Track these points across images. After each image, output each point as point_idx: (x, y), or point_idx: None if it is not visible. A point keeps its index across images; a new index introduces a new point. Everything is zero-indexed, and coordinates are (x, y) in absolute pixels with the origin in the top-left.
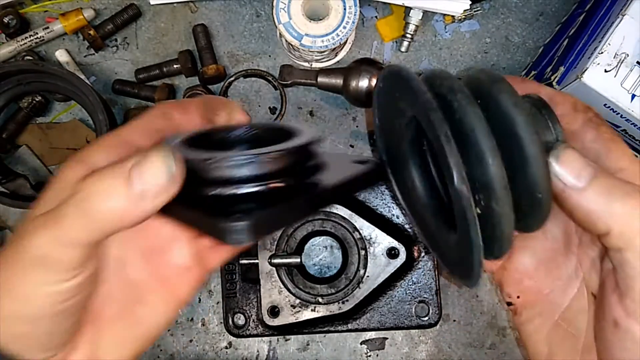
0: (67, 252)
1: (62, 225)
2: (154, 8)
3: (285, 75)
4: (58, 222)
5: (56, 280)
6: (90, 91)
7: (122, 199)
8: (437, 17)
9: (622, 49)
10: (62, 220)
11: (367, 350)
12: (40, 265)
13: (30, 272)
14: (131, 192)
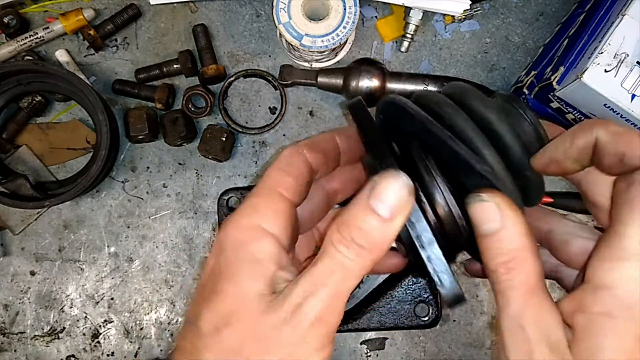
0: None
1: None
2: (154, 8)
3: (285, 75)
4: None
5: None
6: (90, 91)
7: (376, 226)
8: (437, 17)
9: (622, 49)
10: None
11: (367, 350)
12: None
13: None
14: (379, 217)
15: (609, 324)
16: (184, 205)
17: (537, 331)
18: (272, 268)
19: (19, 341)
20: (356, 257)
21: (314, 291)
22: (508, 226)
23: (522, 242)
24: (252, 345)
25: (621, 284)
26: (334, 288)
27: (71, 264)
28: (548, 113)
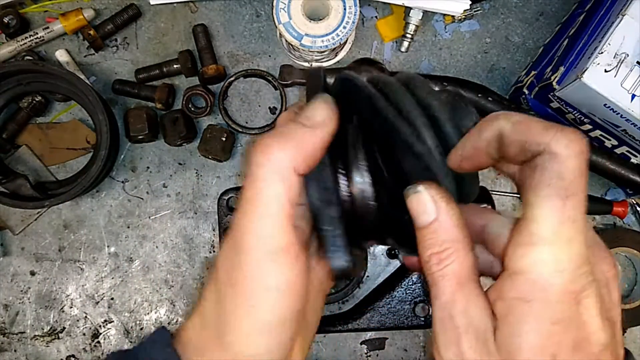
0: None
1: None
2: (154, 8)
3: (285, 75)
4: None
5: (285, 268)
6: (90, 91)
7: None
8: (437, 17)
9: (622, 49)
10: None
11: (367, 350)
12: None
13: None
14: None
15: (525, 309)
16: (184, 205)
17: (465, 320)
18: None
19: (19, 341)
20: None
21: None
22: (441, 218)
23: (454, 234)
24: (233, 276)
25: (534, 268)
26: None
27: (71, 264)
28: (548, 113)
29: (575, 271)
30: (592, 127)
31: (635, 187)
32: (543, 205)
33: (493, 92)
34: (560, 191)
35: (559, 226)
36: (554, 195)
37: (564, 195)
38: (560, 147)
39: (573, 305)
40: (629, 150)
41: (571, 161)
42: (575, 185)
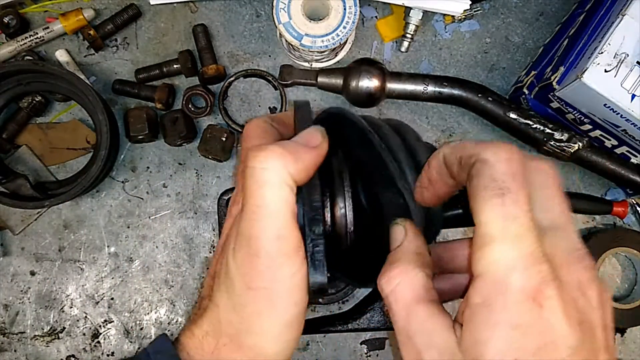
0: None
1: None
2: (154, 8)
3: (285, 75)
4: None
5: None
6: (90, 91)
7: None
8: (437, 17)
9: (622, 49)
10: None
11: (367, 350)
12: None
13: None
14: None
15: (485, 314)
16: (184, 205)
17: (424, 338)
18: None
19: (19, 341)
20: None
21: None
22: (403, 243)
23: (409, 257)
24: (238, 281)
25: (488, 268)
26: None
27: (71, 264)
28: (548, 113)
29: (528, 269)
30: (592, 127)
31: (635, 187)
32: (484, 207)
33: (493, 92)
34: (495, 191)
35: (503, 223)
36: (491, 196)
37: (500, 194)
38: (489, 154)
39: (534, 308)
40: (629, 150)
41: (500, 165)
42: (508, 185)
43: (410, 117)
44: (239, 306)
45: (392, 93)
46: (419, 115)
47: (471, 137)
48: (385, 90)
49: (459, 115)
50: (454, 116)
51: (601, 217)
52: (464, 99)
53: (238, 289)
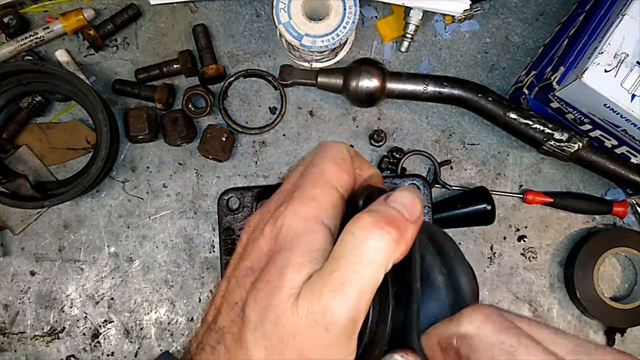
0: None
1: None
2: (154, 8)
3: (285, 75)
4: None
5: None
6: (90, 91)
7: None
8: (437, 17)
9: (622, 49)
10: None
11: None
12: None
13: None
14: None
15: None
16: (184, 205)
17: None
18: (322, 261)
19: (19, 341)
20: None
21: (341, 289)
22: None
23: None
24: (290, 344)
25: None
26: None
27: (71, 264)
28: (548, 113)
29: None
30: (592, 127)
31: (635, 187)
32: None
33: (493, 92)
34: (505, 356)
35: None
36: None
37: (511, 354)
38: (465, 326)
39: None
40: (629, 150)
41: (485, 331)
42: (510, 343)
43: (410, 117)
44: (270, 333)
45: (392, 93)
46: (419, 115)
47: (471, 137)
48: (385, 90)
49: (459, 115)
50: (454, 116)
51: (601, 217)
52: (464, 99)
53: (288, 353)
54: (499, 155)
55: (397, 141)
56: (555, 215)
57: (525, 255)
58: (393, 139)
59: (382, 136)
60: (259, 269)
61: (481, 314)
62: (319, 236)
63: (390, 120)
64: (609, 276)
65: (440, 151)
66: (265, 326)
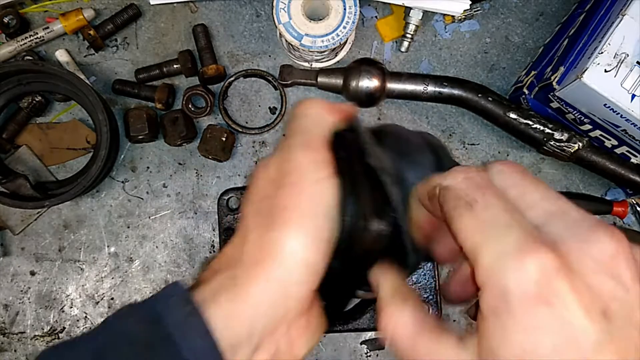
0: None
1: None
2: (154, 8)
3: (285, 75)
4: None
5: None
6: (90, 91)
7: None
8: (437, 17)
9: (622, 49)
10: None
11: (367, 350)
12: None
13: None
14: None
15: (495, 323)
16: (184, 205)
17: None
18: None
19: (19, 341)
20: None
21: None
22: (383, 289)
23: (391, 301)
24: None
25: (488, 278)
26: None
27: (71, 264)
28: (548, 113)
29: (524, 266)
30: (592, 127)
31: (635, 187)
32: (459, 225)
33: (493, 92)
34: (463, 206)
35: (481, 231)
36: (460, 213)
37: (468, 206)
38: (448, 179)
39: (542, 307)
40: (629, 150)
41: (461, 184)
42: (473, 196)
43: (410, 117)
44: (266, 208)
45: (392, 93)
46: (419, 115)
47: (471, 137)
48: (385, 90)
49: (459, 115)
50: (454, 116)
51: (601, 217)
52: (464, 99)
53: (268, 193)
54: (499, 155)
55: None
56: None
57: None
58: None
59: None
60: (268, 192)
61: (462, 171)
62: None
63: (390, 120)
64: None
65: None
66: (250, 193)
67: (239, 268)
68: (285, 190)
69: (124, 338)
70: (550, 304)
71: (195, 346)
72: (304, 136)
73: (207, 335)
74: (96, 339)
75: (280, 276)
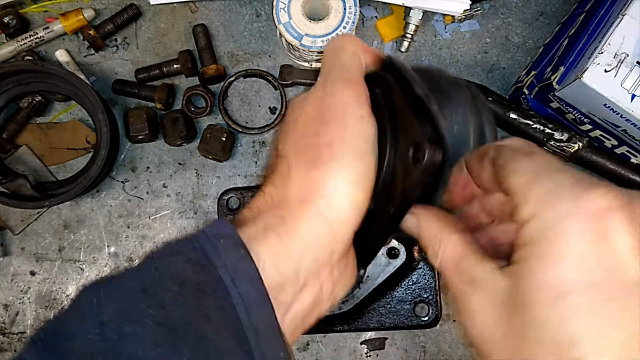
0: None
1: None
2: (154, 8)
3: (285, 75)
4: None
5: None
6: (90, 91)
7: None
8: (437, 17)
9: (622, 49)
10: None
11: (367, 350)
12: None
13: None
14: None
15: (544, 250)
16: (184, 205)
17: (473, 285)
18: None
19: (19, 341)
20: None
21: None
22: (420, 225)
23: (433, 230)
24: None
25: (543, 206)
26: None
27: (71, 264)
28: (548, 113)
29: (587, 195)
30: (592, 127)
31: (635, 187)
32: (518, 167)
33: (493, 92)
34: (523, 153)
35: (541, 172)
36: (519, 157)
37: (530, 153)
38: (504, 142)
39: (599, 239)
40: (629, 150)
41: (517, 142)
42: (532, 149)
43: None
44: (309, 147)
45: None
46: None
47: None
48: None
49: None
50: None
51: None
52: None
53: (311, 129)
54: None
55: None
56: None
57: None
58: None
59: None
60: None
61: (518, 139)
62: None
63: None
64: None
65: None
66: (289, 130)
67: (285, 207)
68: (329, 127)
69: (174, 277)
70: (601, 237)
71: (245, 292)
72: (345, 72)
73: (257, 281)
74: (143, 275)
75: (328, 215)
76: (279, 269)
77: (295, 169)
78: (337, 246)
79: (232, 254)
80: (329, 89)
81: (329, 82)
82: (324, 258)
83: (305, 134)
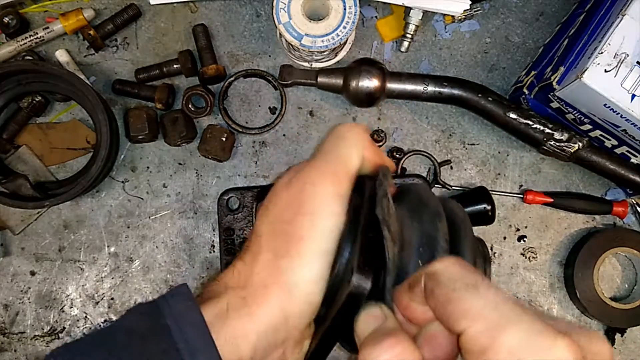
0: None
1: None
2: (154, 8)
3: (285, 75)
4: None
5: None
6: (90, 91)
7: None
8: (437, 17)
9: (622, 49)
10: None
11: None
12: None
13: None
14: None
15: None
16: (184, 205)
17: None
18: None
19: (19, 341)
20: None
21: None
22: (385, 325)
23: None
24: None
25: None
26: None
27: (71, 264)
28: (548, 113)
29: (552, 341)
30: (592, 127)
31: (635, 187)
32: (463, 304)
33: (493, 92)
34: (466, 286)
35: (496, 309)
36: (464, 293)
37: (473, 286)
38: (436, 266)
39: None
40: (629, 150)
41: (453, 268)
42: (474, 279)
43: (410, 117)
44: (281, 233)
45: (392, 93)
46: (419, 115)
47: (471, 137)
48: (385, 90)
49: (459, 115)
50: (454, 116)
51: (601, 217)
52: (464, 99)
53: (287, 216)
54: (499, 155)
55: (397, 141)
56: (555, 215)
57: (525, 255)
58: (393, 139)
59: (382, 136)
60: (285, 214)
61: (451, 258)
62: (337, 203)
63: (390, 120)
64: (609, 276)
65: (440, 151)
66: (267, 210)
67: (249, 289)
68: (304, 220)
69: (123, 330)
70: None
71: (190, 337)
72: (335, 164)
73: (202, 328)
74: (100, 332)
75: (286, 306)
76: (237, 347)
77: (265, 251)
78: (291, 334)
79: (181, 305)
80: (314, 176)
81: (317, 168)
82: (278, 342)
83: (281, 219)
